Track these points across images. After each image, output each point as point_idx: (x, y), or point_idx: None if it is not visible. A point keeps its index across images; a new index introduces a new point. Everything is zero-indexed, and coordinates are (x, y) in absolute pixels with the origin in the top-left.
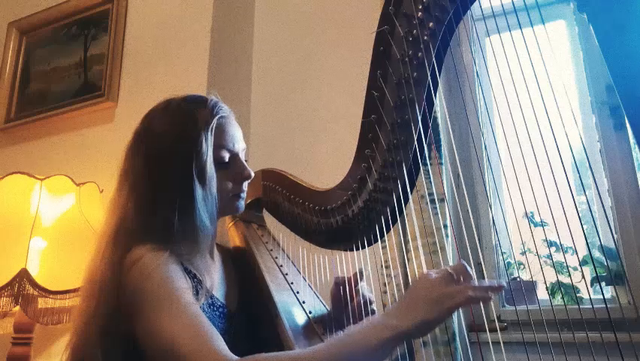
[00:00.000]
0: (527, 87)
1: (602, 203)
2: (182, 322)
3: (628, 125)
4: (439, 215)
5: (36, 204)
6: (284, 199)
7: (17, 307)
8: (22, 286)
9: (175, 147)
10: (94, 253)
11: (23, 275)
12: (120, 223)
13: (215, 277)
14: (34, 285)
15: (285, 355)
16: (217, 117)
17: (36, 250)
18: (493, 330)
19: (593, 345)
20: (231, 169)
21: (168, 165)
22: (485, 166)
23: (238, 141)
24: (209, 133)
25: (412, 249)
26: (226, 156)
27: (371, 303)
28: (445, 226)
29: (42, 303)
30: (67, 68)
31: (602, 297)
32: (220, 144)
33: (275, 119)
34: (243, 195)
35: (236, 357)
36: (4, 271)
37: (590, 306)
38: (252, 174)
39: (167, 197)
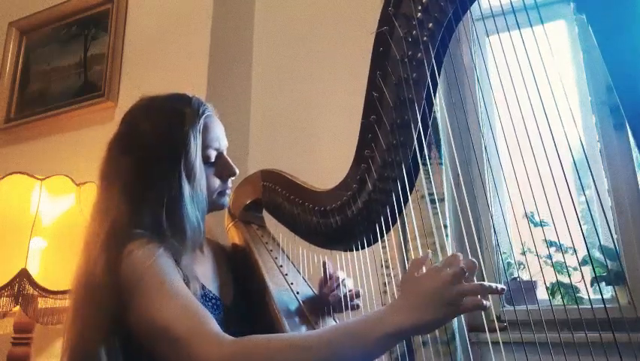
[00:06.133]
0: (527, 87)
1: (601, 203)
2: (176, 305)
3: (627, 125)
4: (439, 215)
5: (36, 204)
6: (283, 200)
7: (17, 307)
8: (22, 286)
9: (163, 146)
10: (85, 256)
11: (23, 275)
12: (114, 225)
13: (206, 271)
14: (34, 285)
15: (279, 337)
16: (204, 117)
17: (36, 250)
18: (492, 330)
19: (592, 345)
20: (218, 167)
21: (157, 164)
22: (485, 166)
23: (223, 139)
24: (198, 133)
25: (411, 249)
26: (213, 155)
27: (357, 296)
28: (445, 226)
29: (42, 303)
30: (67, 68)
31: (601, 297)
32: (207, 143)
33: (275, 119)
34: (229, 191)
35: (231, 337)
36: (4, 271)
37: (590, 306)
38: (237, 171)
39: (157, 196)
